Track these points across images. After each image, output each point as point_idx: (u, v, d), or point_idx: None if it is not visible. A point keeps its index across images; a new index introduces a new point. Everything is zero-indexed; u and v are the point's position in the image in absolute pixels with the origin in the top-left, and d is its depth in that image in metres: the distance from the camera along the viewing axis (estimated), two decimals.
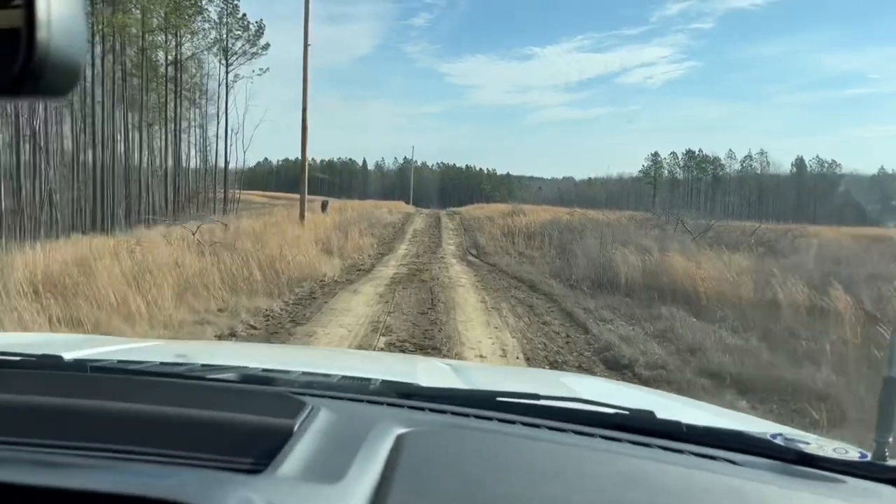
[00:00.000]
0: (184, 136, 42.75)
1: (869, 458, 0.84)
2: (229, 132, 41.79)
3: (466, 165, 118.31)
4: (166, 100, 38.58)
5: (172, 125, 39.21)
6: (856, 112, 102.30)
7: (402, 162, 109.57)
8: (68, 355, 1.13)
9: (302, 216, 21.15)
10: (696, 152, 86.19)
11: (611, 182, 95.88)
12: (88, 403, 0.77)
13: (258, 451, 0.67)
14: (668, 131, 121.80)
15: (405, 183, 78.15)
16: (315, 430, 0.76)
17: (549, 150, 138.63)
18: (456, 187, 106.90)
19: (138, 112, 36.79)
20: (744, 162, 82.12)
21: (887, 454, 0.83)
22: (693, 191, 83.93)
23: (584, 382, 2.04)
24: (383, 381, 1.11)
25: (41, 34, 0.39)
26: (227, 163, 42.00)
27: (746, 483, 0.75)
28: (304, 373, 1.18)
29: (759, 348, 6.79)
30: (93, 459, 0.64)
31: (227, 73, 40.40)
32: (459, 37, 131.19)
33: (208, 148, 44.66)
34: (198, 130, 44.48)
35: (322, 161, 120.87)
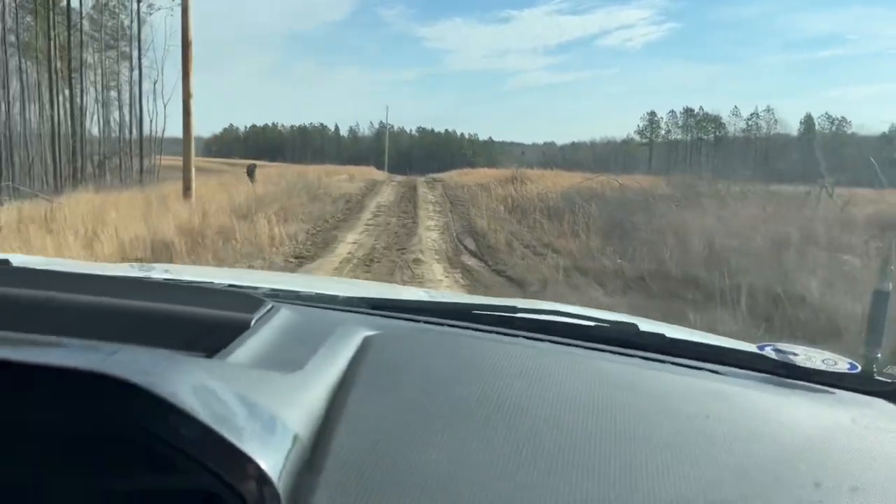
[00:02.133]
0: (98, 92, 33.69)
1: (859, 370, 0.82)
2: (144, 80, 32.84)
3: (446, 130, 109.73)
4: (69, 43, 29.29)
5: (77, 75, 30.00)
6: (834, 73, 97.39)
7: (377, 127, 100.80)
8: (18, 262, 1.10)
9: (187, 189, 12.65)
10: (696, 111, 78.23)
11: (598, 146, 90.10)
12: (28, 293, 0.72)
13: (210, 344, 0.64)
14: (649, 94, 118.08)
15: (381, 149, 69.36)
16: (274, 326, 0.73)
17: (529, 115, 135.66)
18: (435, 153, 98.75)
19: (33, 58, 27.70)
20: (749, 120, 74.40)
21: (875, 368, 0.81)
22: (693, 152, 76.13)
23: (561, 306, 1.67)
24: (355, 296, 1.03)
25: None
26: (140, 119, 33.04)
27: (734, 388, 0.73)
28: (272, 289, 1.07)
29: None
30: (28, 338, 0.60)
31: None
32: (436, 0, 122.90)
33: (129, 105, 35.66)
34: (128, 86, 35.44)
35: (292, 126, 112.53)
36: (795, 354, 0.85)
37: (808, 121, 72.12)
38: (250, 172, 20.33)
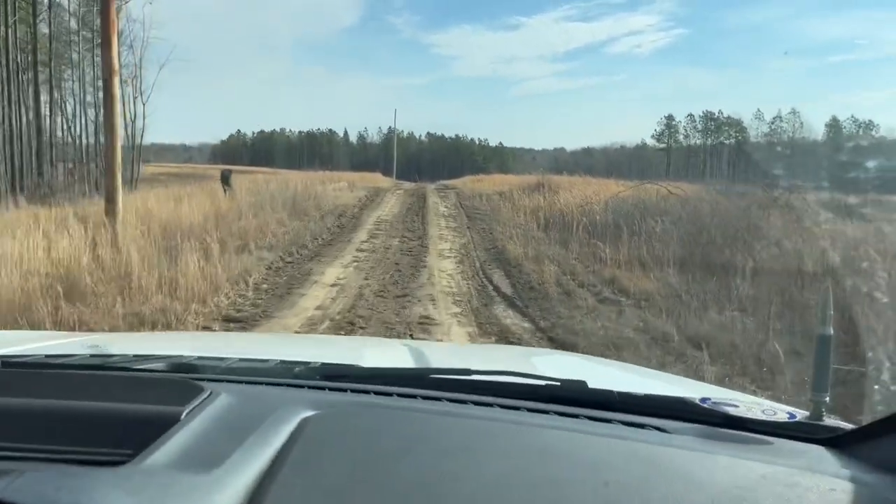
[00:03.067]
0: (72, 90, 30.23)
1: (798, 417, 0.82)
2: (123, 74, 29.29)
3: (456, 135, 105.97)
4: (34, 33, 25.83)
5: (42, 71, 26.44)
6: (844, 78, 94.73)
7: (385, 133, 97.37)
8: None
9: (109, 204, 8.95)
10: (716, 114, 74.04)
11: (611, 151, 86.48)
12: None
13: (137, 440, 0.62)
14: (659, 100, 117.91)
15: (390, 155, 65.77)
16: (206, 416, 0.70)
17: (538, 121, 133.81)
18: (445, 159, 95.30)
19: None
20: (773, 123, 70.12)
21: (823, 413, 0.80)
22: (714, 156, 71.96)
23: (542, 356, 1.97)
24: (312, 365, 1.01)
25: None
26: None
27: (667, 450, 0.73)
28: (240, 360, 1.07)
29: None
30: None
31: None
32: (444, 7, 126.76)
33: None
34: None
35: (300, 132, 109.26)
36: (736, 406, 0.85)
37: (834, 124, 67.78)
38: (225, 180, 16.63)
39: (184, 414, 0.69)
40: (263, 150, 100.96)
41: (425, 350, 1.64)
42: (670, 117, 77.06)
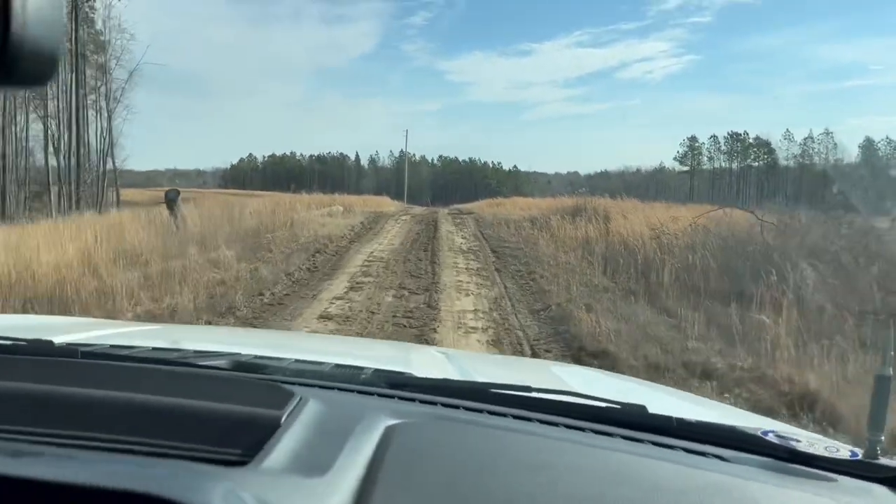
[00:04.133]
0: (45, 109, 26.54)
1: (860, 456, 0.80)
2: (91, 92, 25.53)
3: (470, 158, 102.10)
4: None
5: None
6: (857, 103, 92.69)
7: (397, 156, 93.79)
8: (59, 339, 1.09)
9: None
10: (742, 134, 69.44)
11: (628, 175, 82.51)
12: (72, 391, 0.73)
13: (245, 442, 0.64)
14: (672, 124, 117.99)
15: (401, 178, 61.76)
16: (303, 421, 0.73)
17: (551, 145, 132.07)
18: (459, 183, 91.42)
19: None
20: (804, 144, 65.39)
21: (879, 452, 0.79)
22: (741, 179, 67.26)
23: (576, 373, 1.97)
24: (375, 371, 1.05)
25: (16, 23, 0.38)
26: (78, 141, 25.56)
27: (735, 480, 0.72)
28: (296, 360, 1.13)
29: None
30: (67, 449, 0.59)
31: None
32: (457, 35, 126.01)
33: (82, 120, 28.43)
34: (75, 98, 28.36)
35: (311, 156, 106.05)
36: (798, 441, 0.84)
37: (868, 145, 62.86)
38: (170, 203, 12.37)
39: (283, 417, 0.70)
40: (273, 174, 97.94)
41: (469, 361, 1.65)
42: (693, 139, 72.61)
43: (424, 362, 1.46)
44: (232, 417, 0.69)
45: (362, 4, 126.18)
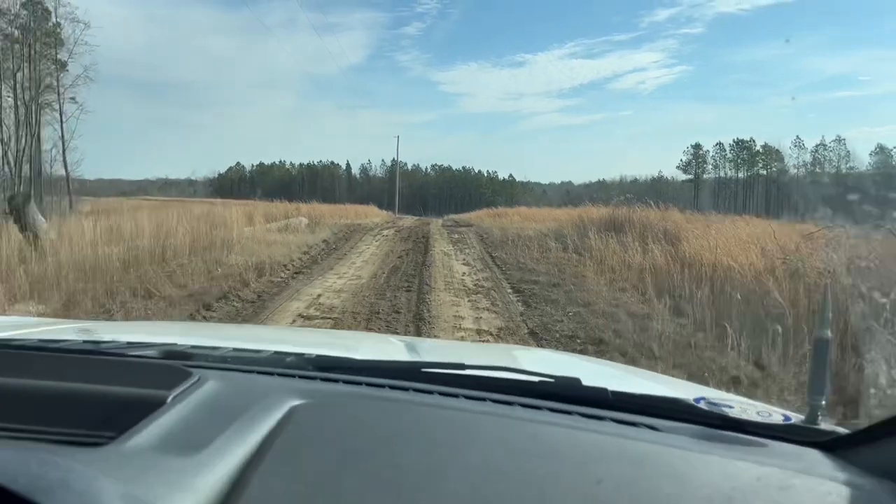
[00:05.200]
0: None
1: (793, 420, 0.80)
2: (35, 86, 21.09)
3: (464, 167, 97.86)
4: None
5: None
6: (848, 114, 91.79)
7: (389, 165, 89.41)
8: None
9: None
10: (748, 141, 65.42)
11: (625, 184, 79.06)
12: None
13: (121, 422, 0.61)
14: (665, 134, 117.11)
15: (393, 187, 57.39)
16: (192, 401, 0.69)
17: (545, 155, 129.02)
18: (453, 192, 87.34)
19: None
20: (815, 152, 61.38)
21: (819, 417, 0.78)
22: (747, 188, 63.25)
23: (536, 354, 1.95)
24: (304, 355, 0.97)
25: None
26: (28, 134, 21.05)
27: (663, 448, 0.70)
28: (233, 349, 1.02)
29: None
30: None
31: None
32: (451, 45, 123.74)
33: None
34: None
35: (301, 165, 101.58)
36: (730, 406, 0.82)
37: (879, 152, 58.90)
38: (16, 212, 7.92)
39: (170, 398, 0.67)
40: (263, 183, 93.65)
41: (420, 346, 1.59)
42: (697, 146, 68.56)
43: (373, 349, 1.42)
44: (113, 398, 0.66)
45: (356, 15, 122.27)
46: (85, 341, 1.10)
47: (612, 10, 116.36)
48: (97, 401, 0.66)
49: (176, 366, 0.82)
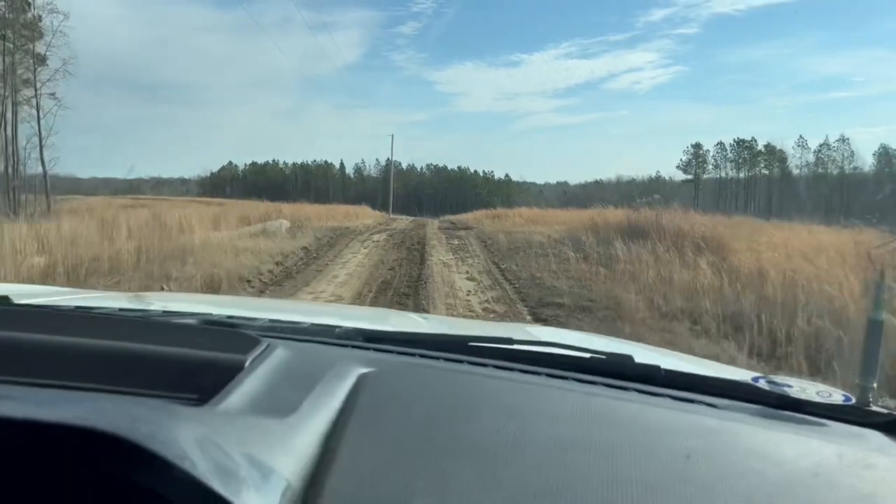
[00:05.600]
0: None
1: (853, 402, 0.77)
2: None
3: (459, 167, 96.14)
4: None
5: None
6: (843, 114, 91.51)
7: (384, 165, 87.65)
8: (21, 300, 1.03)
9: None
10: (750, 141, 63.95)
11: (622, 184, 77.79)
12: (25, 337, 0.68)
13: (204, 385, 0.60)
14: (659, 134, 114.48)
15: (388, 187, 55.76)
16: (269, 366, 0.68)
17: (541, 155, 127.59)
18: (448, 191, 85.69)
19: None
20: (819, 152, 59.89)
21: (871, 398, 0.76)
22: (749, 188, 61.85)
23: (556, 333, 1.89)
24: (351, 327, 0.97)
25: None
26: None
27: (725, 423, 0.68)
28: (270, 320, 1.02)
29: None
30: (14, 389, 0.55)
31: None
32: (446, 45, 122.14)
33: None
34: None
35: (294, 164, 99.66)
36: (790, 386, 0.80)
37: (883, 153, 57.56)
38: None
39: (247, 362, 0.67)
40: (255, 183, 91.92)
41: (457, 324, 1.63)
42: (698, 146, 67.03)
43: (405, 323, 1.45)
44: (193, 362, 0.66)
45: (351, 14, 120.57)
46: (121, 309, 1.07)
47: (608, 11, 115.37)
48: (174, 363, 0.65)
49: (241, 332, 0.81)
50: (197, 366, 0.65)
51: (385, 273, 8.08)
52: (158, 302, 1.23)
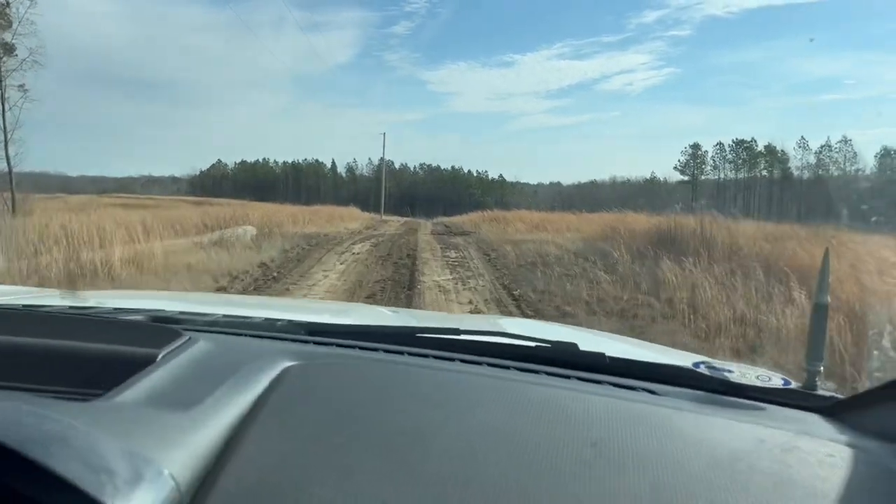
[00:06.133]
0: None
1: (792, 385, 0.78)
2: None
3: (453, 167, 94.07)
4: None
5: None
6: (834, 116, 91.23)
7: (376, 164, 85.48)
8: None
9: None
10: (750, 142, 62.19)
11: (617, 185, 76.45)
12: None
13: (111, 379, 0.59)
14: (651, 136, 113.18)
15: (380, 187, 53.65)
16: (183, 360, 0.68)
17: (533, 155, 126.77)
18: (442, 192, 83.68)
19: None
20: (820, 153, 58.14)
21: (818, 382, 0.77)
22: (746, 190, 60.23)
23: (521, 323, 1.85)
24: (296, 322, 0.94)
25: None
26: None
27: (664, 410, 0.69)
28: (224, 315, 1.00)
29: None
30: None
31: None
32: (440, 45, 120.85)
33: None
34: None
35: (285, 163, 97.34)
36: (730, 371, 0.81)
37: (886, 154, 55.96)
38: None
39: (160, 356, 0.66)
40: (245, 182, 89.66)
41: (413, 315, 1.55)
42: (696, 146, 65.21)
43: (364, 316, 1.40)
44: (102, 356, 0.65)
45: (344, 14, 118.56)
46: (71, 307, 1.05)
47: (601, 12, 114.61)
48: (84, 359, 0.64)
49: (165, 327, 0.79)
50: (104, 360, 0.63)
51: (362, 303, 6.05)
52: (113, 300, 1.19)
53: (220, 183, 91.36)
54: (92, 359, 0.64)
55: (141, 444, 0.45)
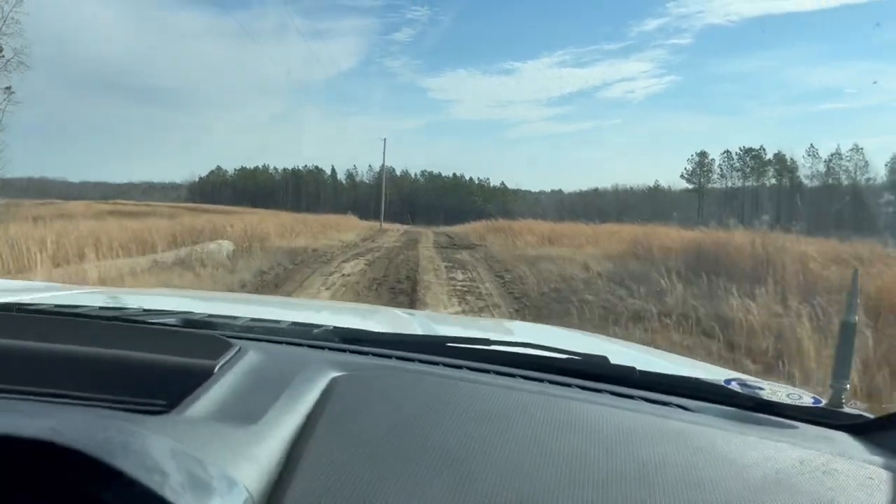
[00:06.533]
0: None
1: (823, 403, 0.78)
2: None
3: (454, 174, 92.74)
4: None
5: None
6: (833, 126, 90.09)
7: (377, 171, 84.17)
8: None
9: None
10: (758, 149, 60.80)
11: (620, 193, 75.02)
12: None
13: (172, 391, 0.60)
14: (653, 144, 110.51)
15: (381, 194, 52.25)
16: (238, 371, 0.68)
17: (535, 163, 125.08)
18: (443, 200, 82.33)
19: None
20: (830, 161, 56.71)
21: (843, 400, 0.77)
22: (754, 199, 58.77)
23: (537, 329, 1.88)
24: (327, 328, 0.97)
25: None
26: None
27: (697, 428, 0.69)
28: (251, 319, 1.02)
29: None
30: None
31: None
32: (441, 52, 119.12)
33: None
34: None
35: (285, 169, 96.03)
36: (761, 388, 0.81)
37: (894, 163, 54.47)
38: None
39: (217, 367, 0.67)
40: (245, 189, 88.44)
41: (438, 321, 1.58)
42: (703, 154, 63.77)
43: (386, 321, 1.43)
44: (162, 367, 0.65)
45: (346, 21, 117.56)
46: (102, 308, 1.05)
47: (602, 20, 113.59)
48: (144, 369, 0.64)
49: (214, 335, 0.81)
50: (165, 372, 0.64)
51: None
52: (137, 299, 1.18)
53: (219, 189, 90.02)
54: (152, 369, 0.63)
55: (213, 458, 0.46)
